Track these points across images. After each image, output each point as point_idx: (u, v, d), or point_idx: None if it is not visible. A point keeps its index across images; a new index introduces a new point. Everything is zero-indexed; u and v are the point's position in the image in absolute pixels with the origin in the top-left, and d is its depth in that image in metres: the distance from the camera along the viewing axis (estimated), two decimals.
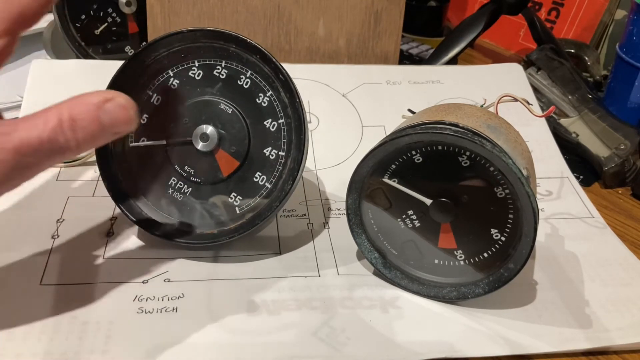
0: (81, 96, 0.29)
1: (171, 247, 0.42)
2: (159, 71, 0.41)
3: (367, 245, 0.41)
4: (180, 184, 0.41)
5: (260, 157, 0.40)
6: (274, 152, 0.40)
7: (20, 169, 0.28)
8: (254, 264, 0.41)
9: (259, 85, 0.40)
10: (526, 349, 0.36)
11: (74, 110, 0.29)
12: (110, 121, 0.29)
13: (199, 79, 0.41)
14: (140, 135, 0.41)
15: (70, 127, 0.28)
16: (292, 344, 0.36)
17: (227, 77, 0.40)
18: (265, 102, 0.40)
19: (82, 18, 0.62)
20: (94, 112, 0.29)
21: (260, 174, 0.40)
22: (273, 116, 0.40)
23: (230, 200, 0.41)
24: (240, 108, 0.40)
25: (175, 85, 0.41)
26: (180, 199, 0.41)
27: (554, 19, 0.83)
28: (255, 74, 0.40)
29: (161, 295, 0.38)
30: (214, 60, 0.40)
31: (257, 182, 0.40)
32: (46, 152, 0.28)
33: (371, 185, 0.40)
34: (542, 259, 0.44)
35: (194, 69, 0.40)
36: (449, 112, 0.38)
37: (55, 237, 0.42)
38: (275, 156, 0.40)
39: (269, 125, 0.40)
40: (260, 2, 0.63)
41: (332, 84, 0.60)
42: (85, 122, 0.29)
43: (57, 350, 0.34)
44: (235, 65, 0.40)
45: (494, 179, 0.36)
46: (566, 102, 0.61)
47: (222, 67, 0.40)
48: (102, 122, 0.29)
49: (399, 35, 0.67)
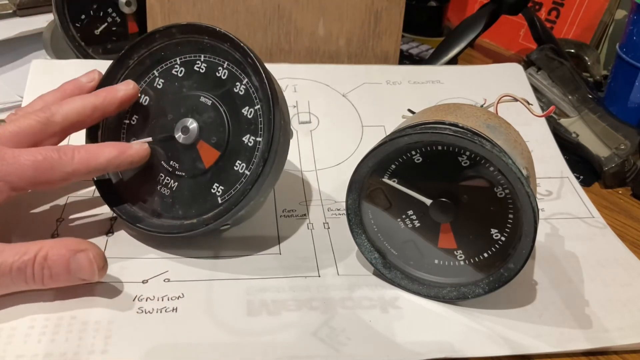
0: (63, 240, 0.35)
1: (171, 247, 0.42)
2: (145, 72, 0.43)
3: (367, 245, 0.41)
4: (167, 179, 0.41)
5: (239, 145, 0.40)
6: (252, 139, 0.40)
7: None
8: (254, 264, 0.41)
9: (234, 74, 0.40)
10: (526, 349, 0.36)
11: (52, 250, 0.34)
12: (77, 269, 0.34)
13: (181, 75, 0.42)
14: (131, 137, 0.42)
15: (40, 263, 0.33)
16: (292, 344, 0.36)
17: (207, 70, 0.41)
18: (242, 90, 0.40)
19: (82, 18, 0.62)
20: (66, 257, 0.34)
21: (240, 162, 0.40)
22: (249, 103, 0.40)
23: (213, 191, 0.41)
24: (219, 99, 0.40)
25: (161, 84, 0.42)
26: (167, 194, 0.41)
27: (554, 19, 0.83)
28: (231, 64, 0.40)
29: (161, 295, 0.38)
30: (193, 56, 0.41)
31: (237, 170, 0.40)
32: (11, 278, 0.33)
33: (371, 185, 0.40)
34: (542, 259, 0.44)
35: (176, 67, 0.42)
36: (448, 112, 0.38)
37: (55, 236, 0.42)
38: (253, 143, 0.40)
39: (246, 113, 0.40)
40: (260, 2, 0.63)
41: (332, 84, 0.60)
42: (56, 263, 0.34)
43: (57, 351, 0.34)
44: (212, 58, 0.41)
45: (494, 179, 0.36)
46: (566, 102, 0.61)
47: (201, 61, 0.41)
48: (70, 268, 0.34)
49: (399, 35, 0.67)
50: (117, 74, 0.43)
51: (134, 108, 0.43)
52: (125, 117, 0.43)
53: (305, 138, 0.55)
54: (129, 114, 0.43)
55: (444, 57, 0.69)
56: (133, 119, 0.43)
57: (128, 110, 0.43)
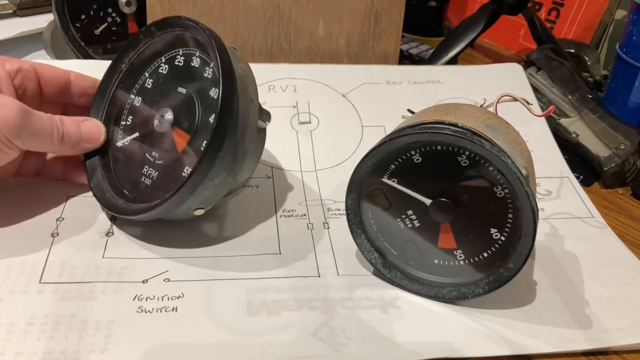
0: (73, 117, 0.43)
1: (171, 246, 0.42)
2: (137, 75, 0.44)
3: (366, 245, 0.41)
4: (151, 170, 0.42)
5: (206, 126, 0.40)
6: (213, 114, 0.39)
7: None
8: (254, 264, 0.41)
9: (205, 60, 0.41)
10: (526, 349, 0.36)
11: (66, 117, 0.42)
12: (86, 131, 0.43)
13: (166, 72, 0.43)
14: (126, 136, 0.44)
15: (60, 120, 0.41)
16: (292, 344, 0.36)
17: (184, 62, 0.42)
18: (210, 74, 0.41)
19: (82, 18, 0.63)
20: (77, 121, 0.42)
21: (205, 142, 0.39)
22: (216, 84, 0.40)
23: (184, 174, 0.40)
24: (193, 87, 0.41)
25: (150, 84, 0.44)
26: (149, 183, 0.42)
27: (554, 19, 0.83)
28: (201, 51, 0.41)
29: (161, 295, 0.38)
30: (174, 51, 0.43)
31: (201, 150, 0.39)
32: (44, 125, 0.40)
33: (371, 185, 0.40)
34: (542, 259, 0.44)
35: (162, 65, 0.43)
36: (448, 112, 0.38)
37: (55, 235, 0.42)
38: (213, 120, 0.39)
39: (213, 94, 0.40)
40: (260, 2, 0.63)
41: (332, 84, 0.60)
42: (69, 121, 0.42)
43: (56, 349, 0.34)
44: (187, 50, 0.42)
45: (494, 179, 0.36)
46: (566, 102, 0.61)
47: (180, 55, 0.42)
48: (81, 130, 0.42)
49: (399, 35, 0.67)
50: (112, 79, 0.45)
51: (129, 110, 0.44)
52: (122, 119, 0.44)
53: (305, 138, 0.55)
54: (125, 116, 0.44)
55: (444, 57, 0.69)
56: (128, 120, 0.44)
57: (124, 112, 0.44)
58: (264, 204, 0.48)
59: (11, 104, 0.37)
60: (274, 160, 0.52)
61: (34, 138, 0.39)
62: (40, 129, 0.39)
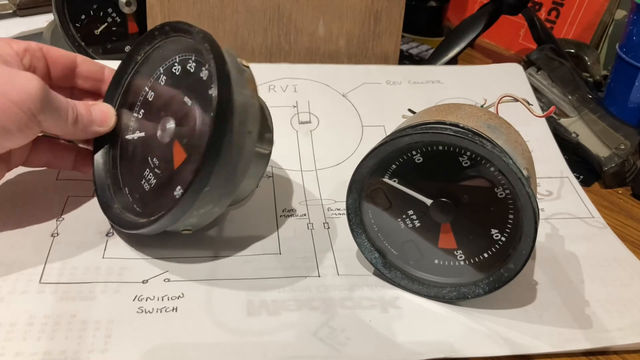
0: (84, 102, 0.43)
1: (171, 247, 0.42)
2: (152, 68, 0.43)
3: (367, 245, 0.41)
4: (150, 175, 0.41)
5: (199, 150, 0.37)
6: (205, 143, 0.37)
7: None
8: (254, 264, 0.41)
9: (200, 62, 0.40)
10: (526, 349, 0.36)
11: (76, 102, 0.41)
12: (97, 114, 0.42)
13: (178, 74, 0.41)
14: (136, 130, 0.43)
15: (72, 104, 0.40)
16: (292, 344, 0.36)
17: (195, 70, 0.40)
18: (204, 75, 0.39)
19: (82, 18, 0.62)
20: (88, 105, 0.42)
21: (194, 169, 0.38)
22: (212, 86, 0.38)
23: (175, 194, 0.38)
24: (198, 100, 0.39)
25: (163, 81, 0.42)
26: (147, 189, 0.41)
27: (554, 19, 0.83)
28: (197, 55, 0.40)
29: (161, 295, 0.38)
30: (187, 54, 0.41)
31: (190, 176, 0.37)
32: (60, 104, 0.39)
33: (371, 185, 0.40)
34: (542, 259, 0.44)
35: (176, 65, 0.42)
36: (449, 112, 0.38)
37: (55, 235, 0.42)
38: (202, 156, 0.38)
39: (208, 119, 0.37)
40: (260, 2, 0.63)
41: (332, 84, 0.60)
42: (80, 106, 0.41)
43: (56, 349, 0.34)
44: (184, 55, 0.41)
45: (495, 179, 0.36)
46: (566, 102, 0.61)
47: (192, 60, 0.41)
48: (92, 113, 0.42)
49: (399, 35, 0.67)
50: (128, 69, 0.44)
51: (142, 103, 0.43)
52: (134, 110, 0.43)
53: (305, 138, 0.55)
54: (138, 108, 0.43)
55: (444, 57, 0.69)
56: (140, 113, 0.43)
57: (138, 104, 0.43)
58: (264, 204, 0.48)
59: (34, 78, 0.36)
60: (274, 160, 0.52)
61: (54, 116, 0.38)
62: (59, 107, 0.39)
